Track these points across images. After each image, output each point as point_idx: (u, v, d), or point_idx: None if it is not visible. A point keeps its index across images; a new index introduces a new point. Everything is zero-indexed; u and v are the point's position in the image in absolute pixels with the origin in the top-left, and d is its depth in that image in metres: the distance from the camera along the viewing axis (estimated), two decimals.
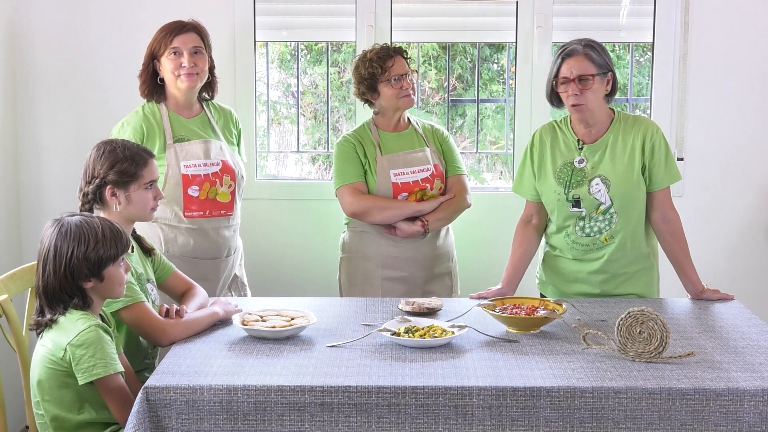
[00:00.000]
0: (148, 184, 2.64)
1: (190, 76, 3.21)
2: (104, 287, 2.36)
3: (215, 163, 3.26)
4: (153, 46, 3.24)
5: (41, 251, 2.34)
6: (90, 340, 2.26)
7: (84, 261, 2.30)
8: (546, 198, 3.06)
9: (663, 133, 3.01)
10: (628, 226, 2.98)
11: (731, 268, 3.91)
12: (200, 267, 3.24)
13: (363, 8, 3.87)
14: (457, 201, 3.42)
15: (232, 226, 3.35)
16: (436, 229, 3.40)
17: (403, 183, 3.38)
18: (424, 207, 3.37)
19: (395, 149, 3.42)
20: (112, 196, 2.61)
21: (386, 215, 3.36)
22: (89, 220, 2.36)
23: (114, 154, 2.62)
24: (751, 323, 2.70)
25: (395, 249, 3.39)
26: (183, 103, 3.29)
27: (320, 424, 2.16)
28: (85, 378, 2.25)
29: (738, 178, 3.91)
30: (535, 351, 2.42)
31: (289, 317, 2.62)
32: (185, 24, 3.25)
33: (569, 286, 3.08)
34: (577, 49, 2.93)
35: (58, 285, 2.30)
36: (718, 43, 3.84)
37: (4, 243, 3.75)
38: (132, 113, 3.27)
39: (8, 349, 2.61)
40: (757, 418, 2.14)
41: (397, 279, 3.39)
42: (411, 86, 3.38)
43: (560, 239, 3.07)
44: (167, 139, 3.22)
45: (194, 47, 3.22)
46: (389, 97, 3.37)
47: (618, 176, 2.95)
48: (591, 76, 2.90)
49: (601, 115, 2.99)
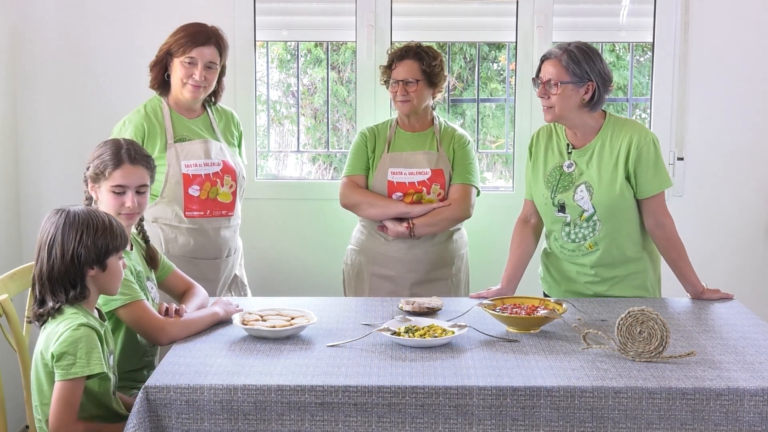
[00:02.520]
0: (116, 187, 2.61)
1: (196, 89, 3.20)
2: (104, 278, 2.36)
3: (216, 163, 3.26)
4: (171, 44, 3.21)
5: (44, 238, 2.34)
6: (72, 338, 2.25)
7: (92, 246, 2.31)
8: (536, 200, 3.06)
9: (654, 138, 2.93)
10: (613, 233, 2.95)
11: (731, 268, 3.91)
12: (200, 267, 3.24)
13: (363, 8, 3.87)
14: (449, 210, 3.37)
15: (232, 226, 3.35)
16: (424, 234, 3.36)
17: (398, 182, 3.38)
18: (413, 210, 3.35)
19: (403, 148, 3.42)
20: (91, 189, 2.67)
21: (372, 212, 3.39)
22: (94, 210, 2.39)
23: (100, 149, 2.66)
24: (751, 323, 2.70)
25: (385, 247, 3.41)
26: (185, 104, 3.29)
27: (320, 424, 2.16)
28: (61, 376, 2.23)
29: (738, 178, 3.91)
30: (535, 351, 2.42)
31: (289, 317, 2.62)
32: (208, 37, 3.21)
33: (565, 284, 3.08)
34: (554, 54, 2.88)
35: (64, 270, 2.30)
36: (718, 43, 3.84)
37: (4, 243, 3.74)
38: (134, 111, 3.27)
39: (8, 349, 2.61)
40: (757, 417, 2.14)
41: (384, 277, 3.41)
42: (414, 92, 3.33)
43: (551, 242, 3.08)
44: (168, 138, 3.22)
45: (210, 62, 3.20)
46: (393, 98, 3.41)
47: (602, 184, 2.92)
48: (558, 83, 2.84)
49: (580, 121, 2.93)
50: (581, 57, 2.86)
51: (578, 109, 2.90)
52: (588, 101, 2.89)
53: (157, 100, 3.29)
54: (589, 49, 2.90)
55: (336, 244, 3.74)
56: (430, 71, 3.35)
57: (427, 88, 3.38)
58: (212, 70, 3.23)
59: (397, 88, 3.35)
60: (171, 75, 3.24)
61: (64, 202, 3.56)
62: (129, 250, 2.66)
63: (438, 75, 3.37)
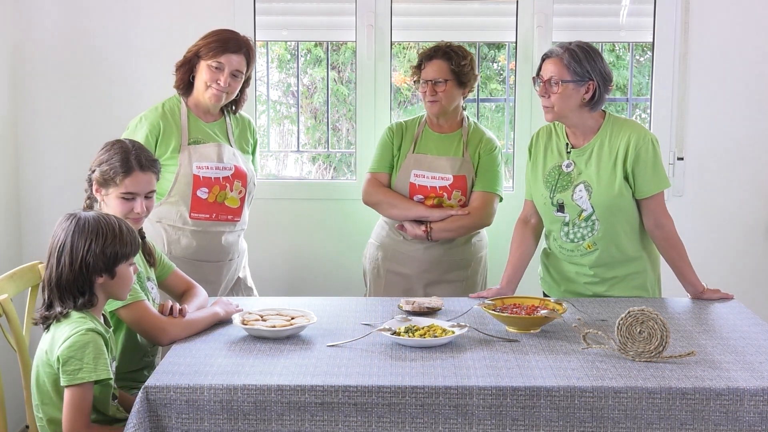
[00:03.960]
0: (125, 194, 2.61)
1: (219, 94, 3.19)
2: (113, 285, 2.36)
3: (227, 168, 3.24)
4: (201, 47, 3.20)
5: (55, 244, 2.34)
6: (80, 343, 2.25)
7: (101, 255, 2.31)
8: (535, 200, 3.06)
9: (653, 138, 2.93)
10: (611, 233, 2.95)
11: (731, 268, 3.91)
12: (202, 269, 3.23)
13: (363, 8, 3.86)
14: (468, 218, 3.36)
15: (236, 231, 3.33)
16: (441, 238, 3.36)
17: (420, 185, 3.38)
18: (432, 214, 3.34)
19: (429, 150, 3.41)
20: (96, 192, 2.65)
21: (392, 212, 3.40)
22: (106, 216, 2.38)
23: (107, 153, 2.64)
24: (751, 323, 2.70)
25: (403, 245, 3.42)
26: (204, 107, 3.27)
27: (320, 424, 2.16)
28: (67, 380, 2.23)
29: (738, 178, 3.91)
30: (535, 351, 2.42)
31: (289, 317, 2.62)
32: (240, 45, 3.20)
33: (565, 285, 3.08)
34: (556, 52, 2.88)
35: (73, 277, 2.30)
36: (718, 42, 3.84)
37: (4, 243, 3.74)
38: (151, 108, 3.26)
39: (8, 349, 2.61)
40: (757, 417, 2.14)
41: (400, 274, 3.42)
42: (443, 92, 3.31)
43: (550, 242, 3.08)
44: (183, 139, 3.21)
45: (236, 70, 3.19)
46: (422, 98, 3.39)
47: (600, 184, 2.91)
48: (559, 81, 2.84)
49: (580, 121, 2.93)
50: (583, 56, 2.85)
51: (578, 109, 2.90)
52: (588, 101, 2.89)
53: (176, 100, 3.28)
54: (591, 48, 2.89)
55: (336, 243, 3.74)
56: (459, 71, 3.31)
57: (457, 87, 3.34)
58: (237, 78, 3.21)
59: (426, 88, 3.33)
60: (195, 77, 3.23)
61: (65, 202, 3.59)
62: None
63: (468, 74, 3.34)
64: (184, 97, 3.27)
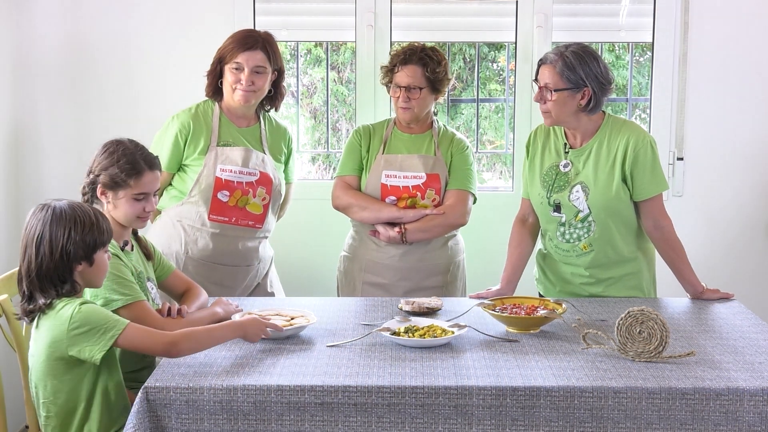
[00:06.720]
0: (138, 194, 2.61)
1: (245, 93, 3.18)
2: (91, 272, 2.36)
3: (252, 173, 3.23)
4: (222, 51, 3.21)
5: (31, 235, 2.33)
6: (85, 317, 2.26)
7: (81, 243, 2.31)
8: (532, 199, 3.06)
9: (652, 140, 2.92)
10: (607, 234, 2.94)
11: (731, 268, 3.91)
12: (217, 273, 3.22)
13: (363, 8, 3.87)
14: (443, 217, 3.25)
15: (257, 238, 3.30)
16: (416, 240, 3.25)
17: (392, 186, 3.27)
18: (406, 214, 3.24)
19: (399, 150, 3.32)
20: (102, 195, 2.63)
21: (364, 215, 3.29)
22: (79, 204, 2.38)
23: (112, 156, 2.61)
24: (751, 323, 2.70)
25: (377, 254, 3.31)
26: (237, 111, 3.27)
27: (320, 424, 2.16)
28: (102, 349, 2.24)
29: (738, 178, 3.91)
30: (535, 351, 2.42)
31: (289, 317, 2.62)
32: (255, 41, 3.18)
33: (560, 286, 3.08)
34: (550, 59, 2.86)
35: (53, 266, 2.31)
36: (718, 43, 3.84)
37: (4, 243, 3.74)
38: (185, 109, 3.26)
39: (8, 349, 2.61)
40: (757, 417, 2.14)
41: (377, 285, 3.31)
42: (416, 99, 3.21)
43: (545, 242, 3.07)
44: (212, 141, 3.21)
45: (257, 66, 3.17)
46: (394, 103, 3.31)
47: (598, 185, 2.91)
48: (552, 90, 2.83)
49: (578, 124, 2.92)
50: (576, 62, 2.82)
51: (576, 114, 2.89)
52: (585, 106, 2.88)
53: (211, 103, 3.28)
54: (586, 52, 2.86)
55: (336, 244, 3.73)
56: (434, 78, 3.22)
57: (431, 94, 3.26)
58: (261, 74, 3.19)
59: (399, 93, 3.24)
60: (223, 82, 3.23)
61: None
62: (129, 250, 2.66)
63: (442, 81, 3.24)
64: (218, 101, 3.27)
